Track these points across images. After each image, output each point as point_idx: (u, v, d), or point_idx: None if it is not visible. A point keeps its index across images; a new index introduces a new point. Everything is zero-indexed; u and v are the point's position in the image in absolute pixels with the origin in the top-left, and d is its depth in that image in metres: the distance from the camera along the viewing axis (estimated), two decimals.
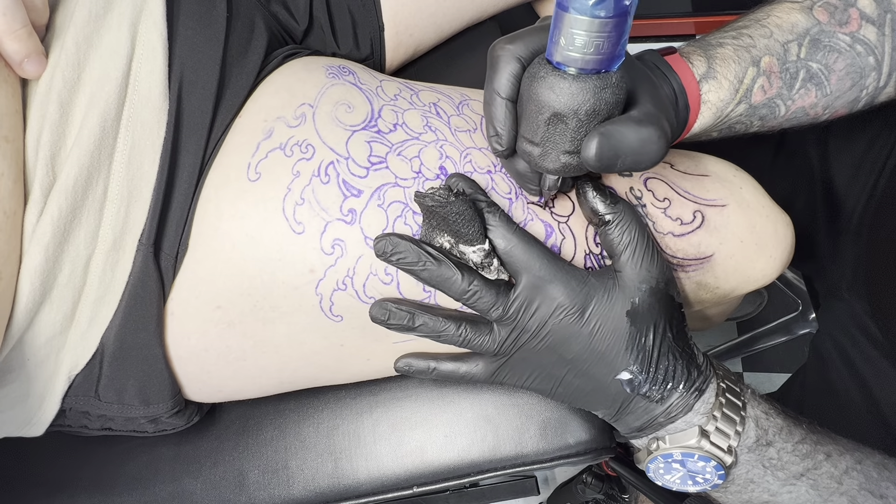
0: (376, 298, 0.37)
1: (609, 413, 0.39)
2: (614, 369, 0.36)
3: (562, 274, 0.36)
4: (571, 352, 0.36)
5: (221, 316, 0.38)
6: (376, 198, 0.37)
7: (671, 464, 0.38)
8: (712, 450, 0.36)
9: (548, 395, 0.40)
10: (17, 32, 0.33)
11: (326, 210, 0.37)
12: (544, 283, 0.35)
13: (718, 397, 0.37)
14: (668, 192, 0.40)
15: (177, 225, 0.38)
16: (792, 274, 0.95)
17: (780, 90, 0.40)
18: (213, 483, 0.49)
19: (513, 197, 0.38)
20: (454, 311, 0.38)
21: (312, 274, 0.37)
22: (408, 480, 0.50)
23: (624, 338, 0.36)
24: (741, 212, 0.41)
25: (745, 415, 0.37)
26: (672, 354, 0.37)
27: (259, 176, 0.37)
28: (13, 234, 0.33)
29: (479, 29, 0.62)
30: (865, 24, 0.40)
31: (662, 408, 0.37)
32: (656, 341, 0.36)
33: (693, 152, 0.44)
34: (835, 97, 0.41)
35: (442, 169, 0.38)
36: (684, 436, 0.37)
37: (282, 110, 0.39)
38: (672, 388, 0.36)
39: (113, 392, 0.39)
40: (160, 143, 0.37)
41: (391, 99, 0.41)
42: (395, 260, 0.35)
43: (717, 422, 0.36)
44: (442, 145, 0.39)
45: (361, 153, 0.38)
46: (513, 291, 0.36)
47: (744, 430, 0.37)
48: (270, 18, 0.48)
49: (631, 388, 0.37)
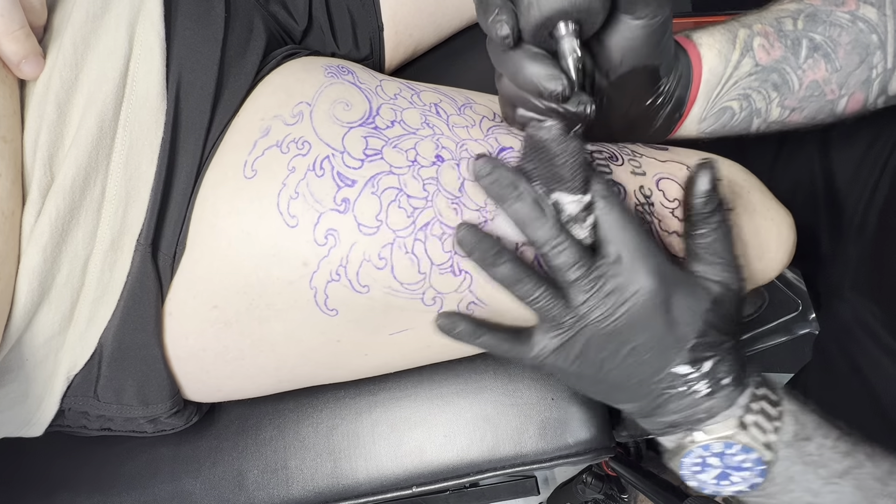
0: (370, 287, 0.37)
1: (644, 407, 0.37)
2: (670, 362, 0.35)
3: (654, 257, 0.34)
4: (637, 339, 0.35)
5: (218, 315, 0.38)
6: (370, 186, 0.37)
7: (707, 459, 0.36)
8: (753, 442, 0.35)
9: (583, 382, 0.38)
10: (15, 33, 0.33)
11: (320, 202, 0.36)
12: (635, 260, 0.33)
13: (755, 390, 0.36)
14: (678, 192, 0.40)
15: (174, 225, 0.38)
16: (792, 274, 0.95)
17: (784, 55, 0.39)
18: (212, 483, 0.49)
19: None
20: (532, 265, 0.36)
21: (306, 267, 0.37)
22: (407, 480, 0.50)
23: (693, 332, 0.35)
24: (747, 215, 0.41)
25: (782, 409, 0.36)
26: (726, 349, 0.36)
27: (255, 173, 0.37)
28: (11, 235, 0.33)
29: (479, 28, 0.61)
30: (863, 4, 0.39)
31: (707, 403, 0.35)
32: (718, 338, 0.35)
33: (710, 155, 0.44)
34: (847, 73, 0.40)
35: (438, 157, 0.38)
36: (722, 427, 0.35)
37: (279, 109, 0.39)
38: (724, 384, 0.35)
39: (112, 392, 0.39)
40: (158, 144, 0.37)
41: (390, 98, 0.40)
42: (489, 182, 0.33)
43: (754, 415, 0.35)
44: (438, 138, 0.39)
45: (357, 147, 0.37)
46: (599, 256, 0.34)
47: (782, 423, 0.35)
48: (269, 19, 0.48)
49: (684, 382, 0.35)
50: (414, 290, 0.37)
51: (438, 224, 0.37)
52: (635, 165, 0.40)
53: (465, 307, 0.39)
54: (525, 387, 0.51)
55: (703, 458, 0.36)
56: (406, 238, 0.36)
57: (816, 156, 0.58)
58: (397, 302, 0.38)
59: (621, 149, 0.41)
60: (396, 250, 0.36)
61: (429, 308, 0.38)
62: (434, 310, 0.38)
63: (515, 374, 0.51)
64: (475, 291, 0.38)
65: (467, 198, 0.37)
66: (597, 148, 0.40)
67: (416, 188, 0.37)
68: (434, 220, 0.37)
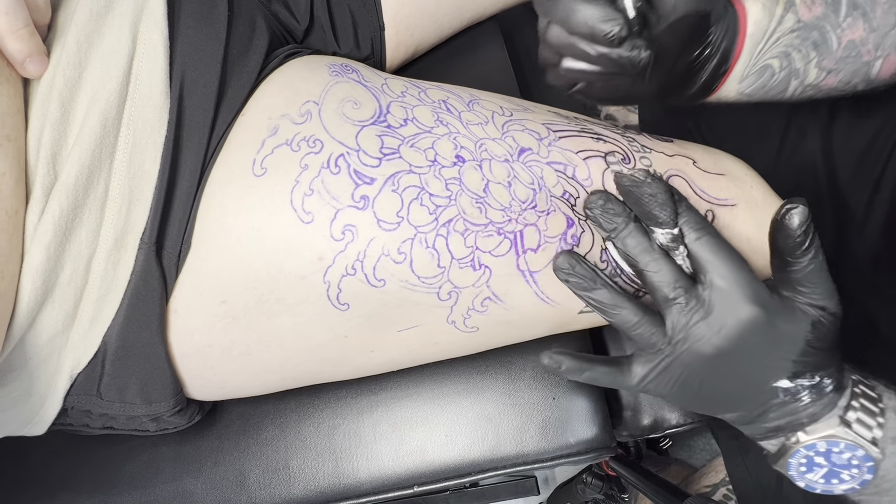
0: (386, 281, 0.37)
1: (745, 416, 0.37)
2: (772, 379, 0.35)
3: (751, 284, 0.34)
4: (737, 362, 0.35)
5: (227, 310, 0.38)
6: (390, 184, 0.37)
7: (814, 459, 0.36)
8: (858, 438, 0.34)
9: (683, 401, 0.38)
10: (19, 32, 0.33)
11: (337, 199, 0.36)
12: (733, 287, 0.34)
13: (853, 388, 0.36)
14: (686, 189, 0.41)
15: (179, 223, 0.38)
16: None
17: (825, 12, 0.39)
18: (213, 482, 0.49)
19: (536, 188, 0.39)
20: (630, 290, 0.37)
21: (321, 262, 0.37)
22: (408, 480, 0.50)
23: (795, 353, 0.35)
24: (749, 211, 0.41)
25: (883, 405, 0.35)
26: (827, 363, 0.35)
27: (265, 171, 0.37)
28: (15, 234, 0.33)
29: (479, 28, 0.62)
30: None
31: (810, 409, 0.35)
32: (820, 356, 0.35)
33: (713, 149, 0.45)
34: (883, 34, 0.39)
35: (459, 158, 0.38)
36: (824, 426, 0.35)
37: (286, 108, 0.39)
38: (826, 392, 0.35)
39: (115, 391, 0.39)
40: (161, 142, 0.37)
41: (398, 96, 0.41)
42: (600, 212, 0.36)
43: (856, 412, 0.35)
44: (455, 137, 0.39)
45: (373, 146, 0.38)
46: (697, 283, 0.35)
47: (885, 419, 0.35)
48: (271, 18, 0.48)
49: (786, 394, 0.35)
50: (431, 283, 0.38)
51: (462, 221, 0.37)
52: (646, 164, 0.41)
53: (481, 303, 0.39)
54: (526, 386, 0.51)
55: (808, 458, 0.36)
56: (428, 233, 0.37)
57: (818, 152, 0.58)
58: (412, 296, 0.38)
59: (631, 143, 0.42)
60: (417, 245, 0.37)
61: (443, 303, 0.39)
62: (448, 305, 0.39)
63: (516, 373, 0.51)
64: (492, 286, 0.38)
65: (492, 198, 0.38)
66: (610, 148, 0.41)
67: (438, 187, 0.37)
68: (458, 217, 0.37)
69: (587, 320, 0.42)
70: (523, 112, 0.42)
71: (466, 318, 0.40)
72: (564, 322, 0.42)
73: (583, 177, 0.40)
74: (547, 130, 0.41)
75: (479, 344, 0.44)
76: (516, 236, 0.38)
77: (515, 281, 0.38)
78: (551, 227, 0.38)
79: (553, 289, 0.39)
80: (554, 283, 0.38)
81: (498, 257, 0.38)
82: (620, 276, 0.39)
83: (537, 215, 0.38)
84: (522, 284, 0.39)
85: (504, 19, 0.64)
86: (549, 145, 0.40)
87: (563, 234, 0.38)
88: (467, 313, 0.40)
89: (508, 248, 0.38)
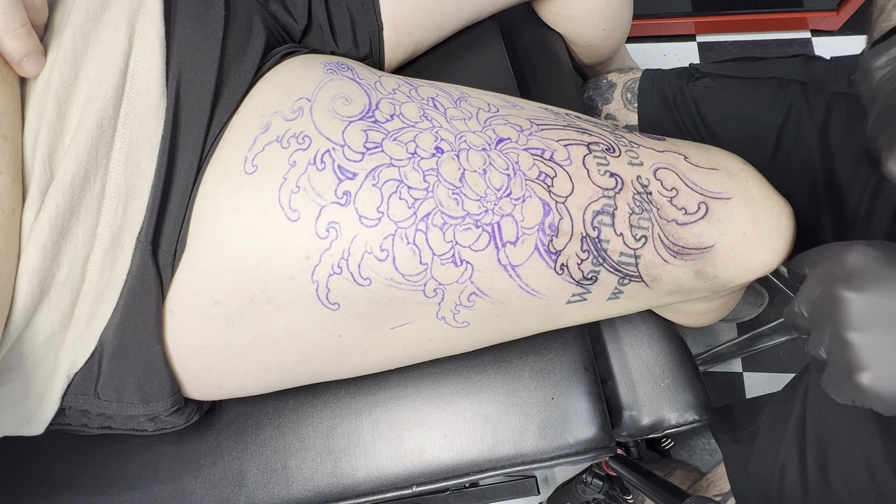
0: (372, 280, 0.37)
1: None
2: None
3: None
4: None
5: (220, 312, 0.38)
6: (371, 178, 0.37)
7: None
8: None
9: None
10: (16, 31, 0.33)
11: (321, 195, 0.36)
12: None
13: None
14: (676, 182, 0.40)
15: (175, 222, 0.38)
16: None
17: None
18: (212, 482, 0.49)
19: (510, 173, 0.38)
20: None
21: (308, 261, 0.37)
22: (407, 480, 0.49)
23: None
24: (745, 205, 0.41)
25: None
26: None
27: (256, 168, 0.37)
28: (11, 233, 0.33)
29: (478, 28, 0.62)
30: None
31: None
32: None
33: (707, 146, 0.45)
34: None
35: (438, 150, 0.38)
36: None
37: (279, 105, 0.39)
38: None
39: (112, 390, 0.39)
40: (158, 142, 0.37)
41: (389, 93, 0.41)
42: None
43: None
44: (437, 131, 0.39)
45: (357, 141, 0.38)
46: None
47: None
48: (269, 17, 0.48)
49: None
50: (416, 281, 0.38)
51: (440, 214, 0.37)
52: (632, 156, 0.40)
53: (467, 299, 0.39)
54: (525, 386, 0.50)
55: None
56: (407, 229, 0.37)
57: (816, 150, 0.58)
58: (399, 294, 0.38)
59: (618, 139, 0.41)
60: (398, 241, 0.37)
61: (430, 300, 0.38)
62: (436, 301, 0.39)
63: (515, 373, 0.51)
64: (476, 282, 0.38)
65: (468, 188, 0.37)
66: (594, 140, 0.40)
67: (416, 179, 0.37)
68: (435, 211, 0.37)
69: (577, 311, 0.42)
70: (510, 108, 0.42)
71: (456, 313, 0.40)
72: (554, 314, 0.42)
73: (561, 158, 0.39)
74: (530, 124, 0.41)
75: (474, 339, 0.44)
76: (494, 228, 0.37)
77: (499, 276, 0.38)
78: (528, 217, 0.38)
79: (537, 280, 0.39)
80: (538, 275, 0.38)
81: (478, 252, 0.38)
82: (605, 263, 0.39)
83: (513, 204, 0.38)
84: (506, 279, 0.38)
85: (504, 19, 0.64)
86: (529, 135, 0.40)
87: (541, 224, 0.38)
88: (456, 309, 0.39)
89: (487, 242, 0.37)
